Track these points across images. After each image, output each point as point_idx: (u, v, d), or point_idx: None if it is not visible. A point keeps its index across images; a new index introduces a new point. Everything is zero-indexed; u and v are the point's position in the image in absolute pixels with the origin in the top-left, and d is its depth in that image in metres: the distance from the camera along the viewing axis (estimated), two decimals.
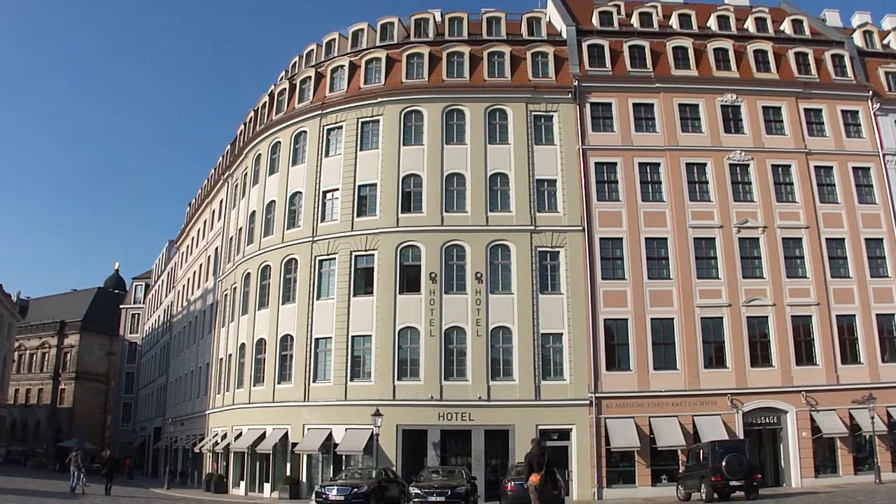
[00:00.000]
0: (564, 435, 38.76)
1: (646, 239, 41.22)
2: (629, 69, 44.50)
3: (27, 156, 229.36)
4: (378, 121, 44.44)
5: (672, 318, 39.97)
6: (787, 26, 48.74)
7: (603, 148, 42.76)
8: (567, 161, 42.43)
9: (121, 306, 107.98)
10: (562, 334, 39.81)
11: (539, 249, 41.00)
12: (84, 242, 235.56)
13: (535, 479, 19.88)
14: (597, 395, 38.55)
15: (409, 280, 41.21)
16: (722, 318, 39.95)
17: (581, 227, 41.06)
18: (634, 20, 48.10)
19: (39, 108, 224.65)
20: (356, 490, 30.05)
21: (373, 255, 41.93)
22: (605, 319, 39.88)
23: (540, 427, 38.12)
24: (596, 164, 42.48)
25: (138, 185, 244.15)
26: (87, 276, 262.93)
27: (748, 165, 42.84)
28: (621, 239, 41.19)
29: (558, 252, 41.05)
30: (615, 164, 42.57)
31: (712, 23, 48.27)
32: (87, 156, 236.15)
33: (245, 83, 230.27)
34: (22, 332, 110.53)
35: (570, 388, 38.90)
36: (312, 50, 51.12)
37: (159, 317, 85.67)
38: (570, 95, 43.56)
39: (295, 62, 52.51)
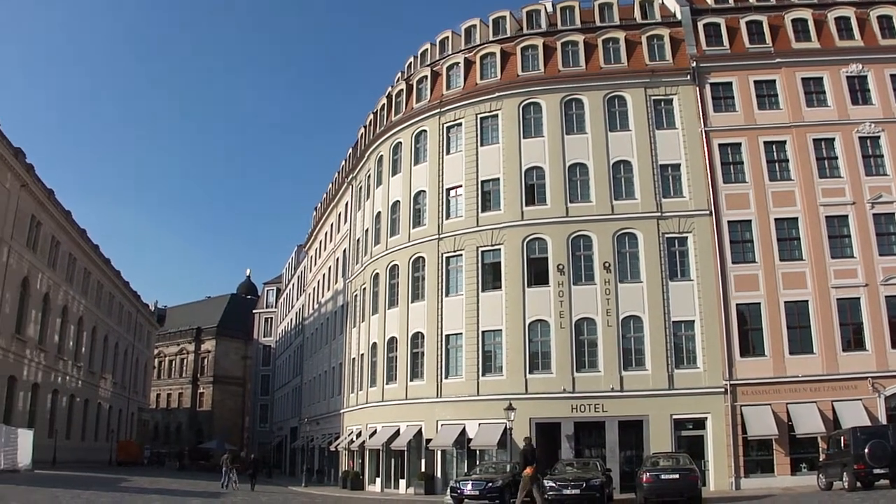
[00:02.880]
0: (699, 424, 38.29)
1: (775, 220, 40.13)
2: (748, 46, 43.34)
3: (161, 174, 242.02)
4: (497, 115, 44.72)
5: (806, 301, 38.83)
6: None
7: (726, 129, 41.86)
8: (690, 144, 41.76)
9: (254, 311, 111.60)
10: (693, 321, 39.30)
11: (666, 236, 40.56)
12: (216, 252, 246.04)
13: (529, 470, 23.59)
14: (731, 382, 37.88)
15: (536, 273, 41.40)
16: (859, 298, 38.48)
17: (708, 212, 40.41)
18: None
19: (168, 128, 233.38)
20: (491, 485, 30.41)
21: (499, 249, 42.30)
22: (737, 304, 39.12)
23: (674, 416, 38.08)
24: (720, 145, 41.63)
25: (266, 193, 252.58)
26: (220, 284, 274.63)
27: (879, 137, 41.10)
28: (750, 221, 40.28)
29: (686, 238, 40.53)
30: (739, 144, 41.64)
31: None
32: (217, 170, 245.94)
33: (364, 86, 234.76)
34: (161, 339, 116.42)
35: (704, 375, 38.39)
36: (427, 49, 51.74)
37: (291, 320, 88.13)
38: (688, 77, 42.80)
39: (410, 62, 53.25)
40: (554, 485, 28.75)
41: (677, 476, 28.13)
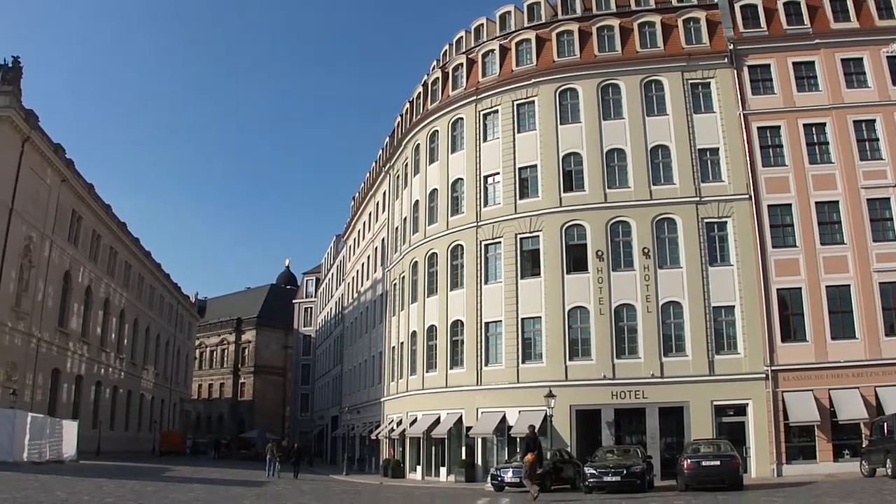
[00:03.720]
0: (740, 410, 38.05)
1: (816, 203, 39.60)
2: (786, 27, 42.75)
3: (199, 168, 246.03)
4: (533, 102, 44.66)
5: (848, 285, 38.30)
6: None
7: (765, 112, 41.37)
8: (728, 128, 41.37)
9: (293, 301, 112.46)
10: (734, 307, 39.04)
11: (706, 221, 40.25)
12: (256, 243, 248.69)
13: (530, 457, 24.47)
14: (772, 367, 37.58)
15: (575, 259, 41.34)
16: None
17: (748, 196, 40.02)
18: None
19: (205, 122, 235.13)
20: None
21: (538, 236, 42.31)
22: (777, 289, 38.75)
23: (715, 403, 37.85)
24: (759, 128, 41.17)
25: (304, 183, 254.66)
26: (259, 275, 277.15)
27: None
28: (790, 205, 39.81)
29: (725, 222, 40.22)
30: (778, 127, 41.13)
31: None
32: (254, 161, 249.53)
33: (400, 75, 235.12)
34: (202, 330, 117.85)
35: (745, 361, 38.13)
36: (462, 37, 51.74)
37: (331, 309, 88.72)
38: (726, 60, 42.38)
39: (445, 50, 53.29)
40: (595, 471, 28.60)
41: (718, 463, 27.82)
